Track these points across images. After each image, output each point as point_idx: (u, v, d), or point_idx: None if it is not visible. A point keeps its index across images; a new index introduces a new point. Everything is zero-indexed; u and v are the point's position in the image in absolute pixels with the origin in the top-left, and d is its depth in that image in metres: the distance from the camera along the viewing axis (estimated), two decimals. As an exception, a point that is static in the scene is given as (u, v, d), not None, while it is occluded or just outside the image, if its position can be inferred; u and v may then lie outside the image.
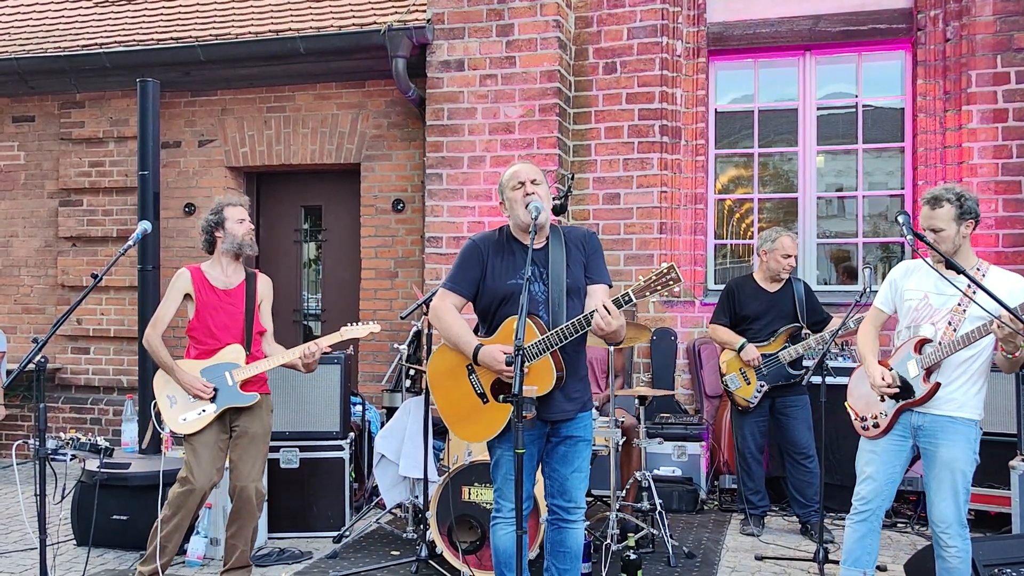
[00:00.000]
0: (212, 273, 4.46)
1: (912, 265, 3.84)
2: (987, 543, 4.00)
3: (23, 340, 8.14)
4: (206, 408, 4.33)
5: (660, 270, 3.19)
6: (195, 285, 4.40)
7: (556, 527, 3.56)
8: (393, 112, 7.48)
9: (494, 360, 3.30)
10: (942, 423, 3.60)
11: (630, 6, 6.88)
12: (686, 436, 6.15)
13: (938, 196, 3.59)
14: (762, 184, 7.13)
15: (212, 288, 4.43)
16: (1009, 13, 6.18)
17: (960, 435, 3.59)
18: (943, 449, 3.58)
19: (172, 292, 4.40)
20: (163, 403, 4.36)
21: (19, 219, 8.37)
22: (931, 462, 3.63)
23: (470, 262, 3.51)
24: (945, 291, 3.63)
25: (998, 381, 5.36)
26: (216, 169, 7.87)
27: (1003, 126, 6.18)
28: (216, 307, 4.41)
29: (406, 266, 7.41)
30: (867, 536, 3.75)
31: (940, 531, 3.58)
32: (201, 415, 4.32)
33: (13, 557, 5.12)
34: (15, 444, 7.48)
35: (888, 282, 3.90)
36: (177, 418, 4.33)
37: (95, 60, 7.62)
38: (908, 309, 3.75)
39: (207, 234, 4.50)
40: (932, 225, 3.59)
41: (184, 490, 4.28)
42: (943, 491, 3.56)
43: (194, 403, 4.33)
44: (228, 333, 4.42)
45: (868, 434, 3.80)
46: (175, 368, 4.34)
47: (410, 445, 5.22)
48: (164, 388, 4.38)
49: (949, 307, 3.62)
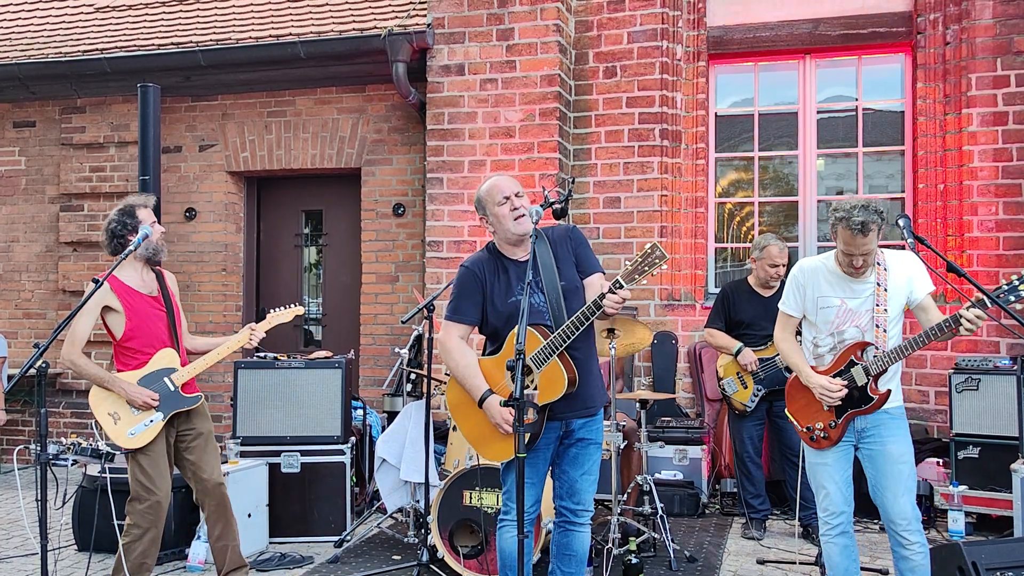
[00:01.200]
0: (132, 280, 4.23)
1: (815, 266, 3.73)
2: (989, 546, 3.98)
3: (24, 345, 8.14)
4: (153, 418, 4.14)
5: (644, 251, 3.15)
6: (120, 295, 4.15)
7: (563, 529, 3.55)
8: (393, 116, 7.49)
9: (498, 417, 3.31)
10: (882, 419, 3.60)
11: (630, 10, 6.89)
12: (687, 440, 6.14)
13: (865, 222, 3.40)
14: (762, 187, 7.13)
15: (139, 295, 4.23)
16: (1009, 16, 6.19)
17: (900, 428, 3.62)
18: (891, 445, 3.58)
19: (90, 306, 4.05)
20: (106, 422, 4.11)
21: (20, 224, 8.38)
22: (880, 461, 3.60)
23: (470, 288, 3.48)
24: (860, 293, 3.61)
25: (999, 384, 5.37)
26: (217, 174, 7.87)
27: (1003, 129, 6.18)
28: (147, 313, 4.23)
29: (407, 270, 7.42)
30: (849, 546, 3.70)
31: (901, 529, 3.53)
32: (149, 425, 4.13)
33: (14, 562, 5.12)
34: (16, 449, 7.43)
35: (794, 286, 3.78)
36: (124, 433, 4.11)
37: (96, 65, 7.63)
38: (827, 316, 3.68)
39: (118, 237, 4.22)
40: (864, 251, 3.48)
41: (150, 503, 4.13)
42: (898, 488, 3.53)
43: (138, 415, 4.12)
44: (159, 339, 4.26)
45: (818, 445, 3.72)
46: (115, 380, 4.13)
47: (411, 449, 5.22)
48: (102, 405, 4.14)
49: (868, 308, 3.60)
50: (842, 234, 3.48)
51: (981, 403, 5.43)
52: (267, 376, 5.54)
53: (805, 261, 3.82)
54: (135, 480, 4.16)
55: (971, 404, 5.47)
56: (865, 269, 3.56)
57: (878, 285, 3.58)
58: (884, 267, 3.60)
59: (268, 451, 5.47)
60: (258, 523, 5.24)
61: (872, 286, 3.61)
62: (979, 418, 5.42)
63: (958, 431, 5.49)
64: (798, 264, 3.83)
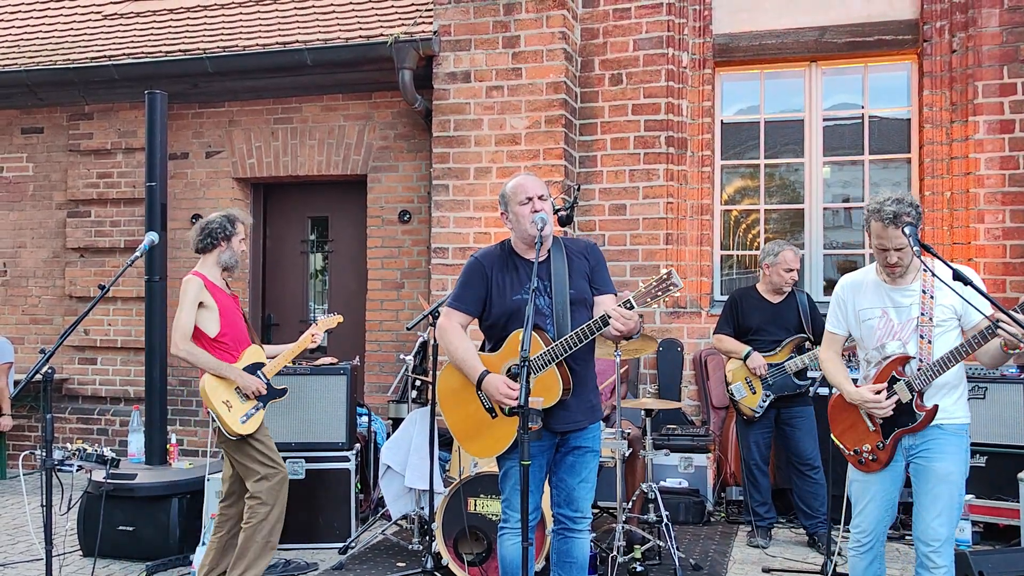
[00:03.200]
0: (217, 279, 4.48)
1: (857, 280, 3.60)
2: (996, 556, 3.97)
3: (31, 351, 8.16)
4: (256, 406, 4.40)
5: (660, 276, 3.22)
6: (211, 292, 4.38)
7: (562, 537, 3.55)
8: (399, 123, 7.50)
9: (498, 392, 3.31)
10: (933, 434, 3.39)
11: (636, 18, 6.89)
12: (693, 448, 6.12)
13: (897, 213, 3.28)
14: (768, 195, 7.12)
15: (225, 294, 4.47)
16: (1015, 24, 6.18)
17: (953, 445, 3.39)
18: (938, 463, 3.37)
19: (190, 298, 4.31)
20: (221, 410, 4.29)
21: (27, 230, 8.41)
22: (925, 477, 3.40)
23: (474, 280, 3.50)
24: (902, 303, 3.44)
25: (1006, 392, 5.35)
26: (223, 180, 7.89)
27: (1010, 137, 6.17)
28: (234, 312, 4.47)
29: (412, 277, 7.42)
30: (875, 562, 3.54)
31: (930, 551, 3.32)
32: (257, 412, 4.39)
33: (19, 568, 5.13)
34: (22, 455, 7.50)
35: (836, 303, 3.64)
36: (237, 420, 4.32)
37: (104, 72, 7.67)
38: (870, 329, 3.50)
39: (212, 238, 4.46)
40: (898, 244, 3.32)
41: (279, 478, 4.38)
42: (937, 507, 3.33)
43: (245, 404, 4.36)
44: (244, 337, 4.51)
45: (868, 468, 3.53)
46: (232, 368, 4.35)
47: (416, 456, 5.21)
48: (216, 394, 4.31)
49: (912, 318, 3.41)
50: (874, 227, 3.35)
51: (988, 412, 5.40)
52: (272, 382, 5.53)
53: (847, 276, 3.67)
54: (256, 463, 4.36)
55: (978, 413, 5.42)
56: (901, 268, 3.38)
57: (923, 292, 3.37)
58: (932, 274, 3.37)
59: (273, 457, 5.46)
60: (263, 529, 5.23)
61: (916, 294, 3.40)
62: (986, 427, 5.38)
63: (965, 440, 5.47)
64: (840, 281, 3.68)
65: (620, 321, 3.16)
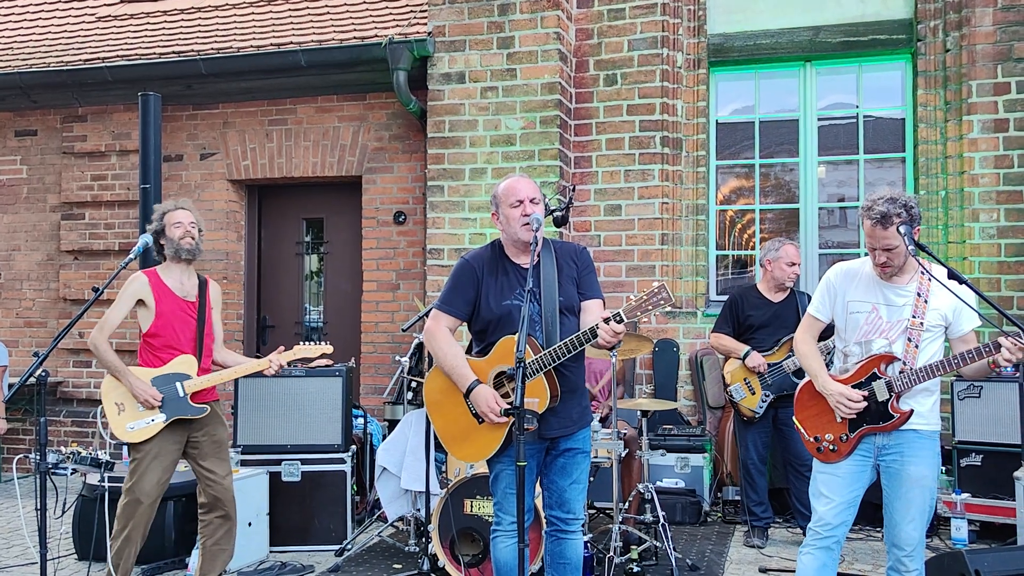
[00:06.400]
0: (170, 280, 4.34)
1: (853, 269, 3.52)
2: (992, 554, 3.97)
3: (25, 354, 8.13)
4: (155, 417, 4.19)
5: (652, 289, 3.19)
6: (153, 291, 4.26)
7: (555, 538, 3.55)
8: (394, 124, 7.49)
9: (486, 406, 3.28)
10: (908, 437, 3.36)
11: (630, 18, 6.89)
12: (689, 448, 6.13)
13: (886, 214, 3.23)
14: (763, 195, 7.13)
15: (172, 295, 4.32)
16: (1009, 23, 6.19)
17: (927, 449, 3.36)
18: (911, 466, 3.33)
19: (125, 296, 4.24)
20: (110, 410, 4.20)
21: (21, 233, 8.38)
22: (897, 481, 3.36)
23: (464, 283, 3.46)
24: (895, 302, 3.37)
25: (1002, 391, 5.36)
26: (218, 182, 7.88)
27: (1004, 136, 6.18)
28: (176, 315, 4.31)
29: (408, 278, 7.41)
30: (827, 565, 3.43)
31: (903, 555, 3.32)
32: (150, 424, 4.18)
33: (14, 572, 5.11)
34: (16, 458, 7.42)
35: (825, 287, 3.55)
36: (124, 425, 4.18)
37: (97, 74, 7.64)
38: (855, 323, 3.44)
39: (155, 240, 4.38)
40: (885, 245, 3.27)
41: (129, 501, 4.17)
42: (911, 512, 3.32)
43: (142, 412, 4.18)
44: (183, 343, 4.33)
45: (825, 457, 3.47)
46: (126, 372, 4.21)
47: (412, 458, 5.21)
48: (111, 394, 4.22)
49: (903, 319, 3.36)
50: (865, 226, 3.31)
51: (983, 411, 5.42)
52: (268, 384, 5.52)
53: (841, 264, 3.60)
54: (128, 473, 4.23)
55: (973, 412, 5.46)
56: (891, 269, 3.33)
57: (918, 296, 3.33)
58: (930, 278, 3.32)
59: (269, 460, 5.45)
60: (258, 532, 5.22)
61: (911, 295, 3.36)
62: (981, 426, 5.41)
63: (960, 439, 5.48)
64: (834, 267, 3.61)
65: (609, 335, 3.16)
